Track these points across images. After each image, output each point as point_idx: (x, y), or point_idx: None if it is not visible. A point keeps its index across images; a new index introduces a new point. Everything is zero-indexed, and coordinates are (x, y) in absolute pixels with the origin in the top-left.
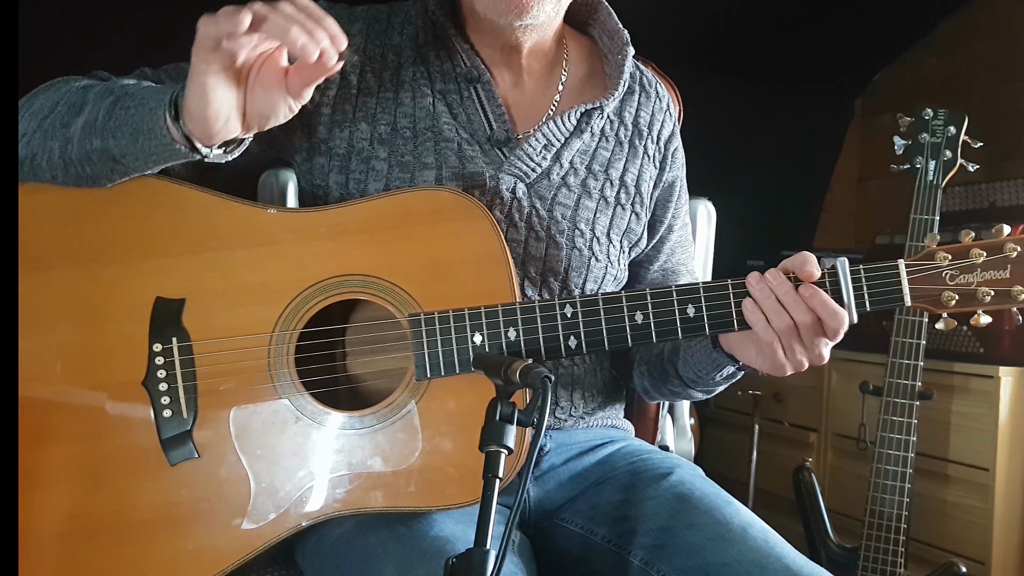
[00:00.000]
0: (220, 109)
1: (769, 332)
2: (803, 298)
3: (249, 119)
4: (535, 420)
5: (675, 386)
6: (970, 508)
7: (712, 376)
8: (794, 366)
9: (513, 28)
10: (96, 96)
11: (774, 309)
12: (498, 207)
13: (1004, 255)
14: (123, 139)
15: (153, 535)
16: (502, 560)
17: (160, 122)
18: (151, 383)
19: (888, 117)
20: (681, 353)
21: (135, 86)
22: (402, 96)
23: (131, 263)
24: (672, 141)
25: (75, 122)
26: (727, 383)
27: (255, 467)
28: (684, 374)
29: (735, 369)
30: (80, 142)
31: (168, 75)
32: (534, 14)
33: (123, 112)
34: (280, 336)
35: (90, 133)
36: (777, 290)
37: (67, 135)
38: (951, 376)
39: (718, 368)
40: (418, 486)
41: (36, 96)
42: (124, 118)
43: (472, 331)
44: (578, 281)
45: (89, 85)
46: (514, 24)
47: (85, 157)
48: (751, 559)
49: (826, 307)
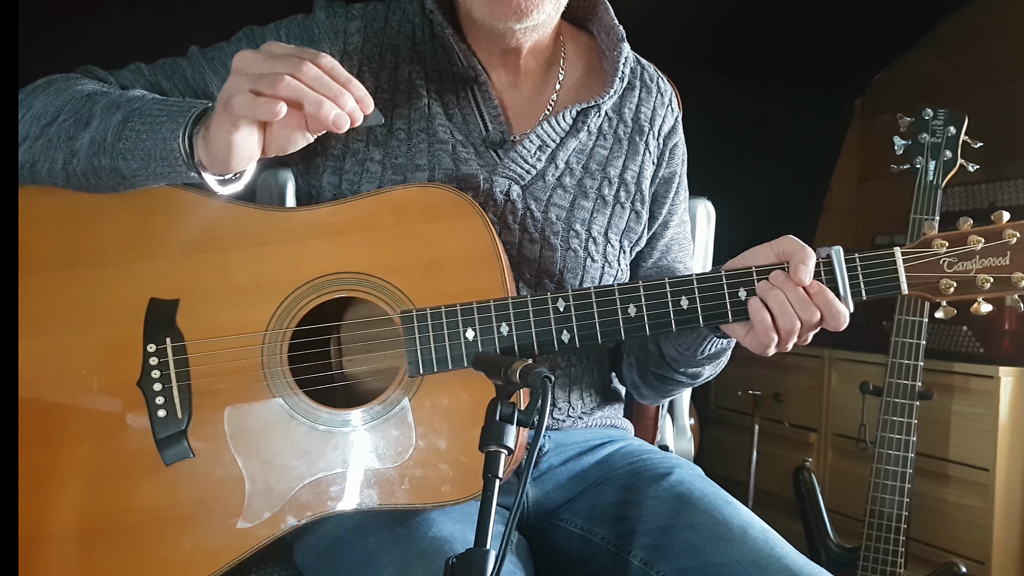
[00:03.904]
0: (243, 156)
1: (772, 332)
2: (811, 295)
3: (266, 151)
4: (535, 420)
5: (658, 367)
6: (970, 508)
7: (695, 351)
8: (780, 351)
9: (513, 31)
10: (103, 110)
11: (783, 312)
12: (491, 210)
13: (1003, 241)
14: (134, 162)
15: (149, 535)
16: (502, 560)
17: (175, 153)
18: (145, 384)
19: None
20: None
21: (141, 100)
22: (398, 97)
23: (125, 264)
24: (672, 136)
25: (81, 136)
26: (710, 363)
27: (250, 466)
28: (667, 351)
29: (717, 339)
30: (88, 158)
31: (163, 73)
32: (534, 16)
33: (134, 135)
34: (273, 335)
35: (99, 151)
36: (789, 294)
37: (72, 148)
38: (951, 376)
39: (700, 340)
40: (412, 483)
41: (35, 96)
42: (135, 141)
43: (464, 327)
44: (574, 282)
45: (93, 93)
46: (514, 28)
47: (92, 172)
48: (751, 559)
49: (831, 307)
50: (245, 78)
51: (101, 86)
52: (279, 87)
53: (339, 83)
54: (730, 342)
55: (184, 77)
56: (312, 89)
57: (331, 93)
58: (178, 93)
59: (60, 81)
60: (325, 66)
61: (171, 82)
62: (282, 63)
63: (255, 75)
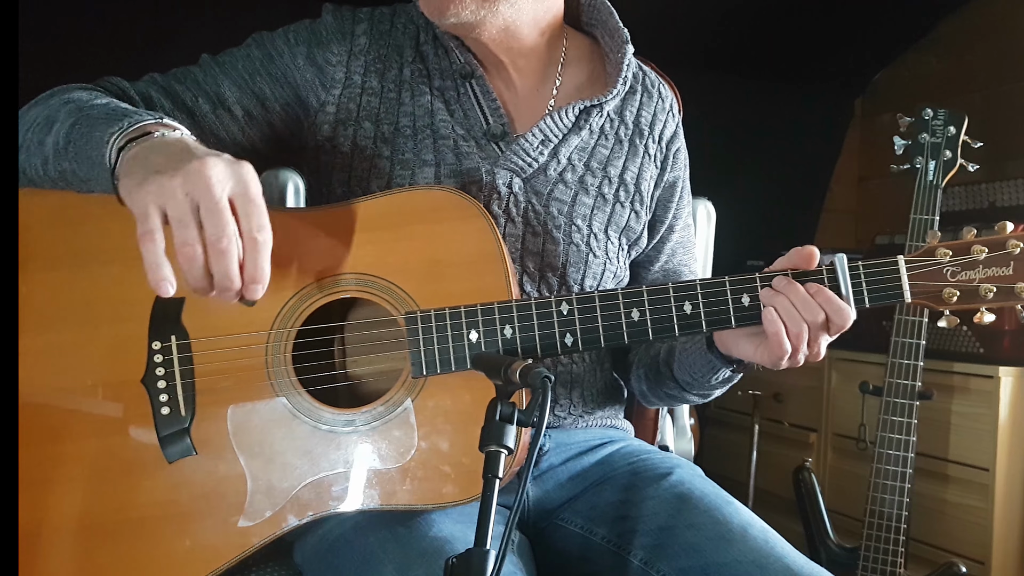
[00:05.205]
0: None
1: (785, 342)
2: (811, 295)
3: None
4: (535, 420)
5: (671, 389)
6: (970, 508)
7: (707, 379)
8: (792, 364)
9: (455, 26)
10: (66, 115)
11: (789, 316)
12: (495, 202)
13: (1007, 251)
14: (84, 165)
15: (151, 532)
16: (502, 560)
17: (104, 160)
18: (150, 381)
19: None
20: (676, 355)
21: (98, 107)
22: (403, 95)
23: (132, 263)
24: (674, 142)
25: (47, 141)
26: (723, 387)
27: (252, 465)
28: (679, 376)
29: (731, 372)
30: (55, 162)
31: (176, 78)
32: (454, 12)
33: (78, 139)
34: (278, 334)
35: (58, 155)
36: (792, 296)
37: (43, 153)
38: (951, 376)
39: (713, 371)
40: (414, 484)
41: (35, 104)
42: (80, 145)
43: (468, 328)
44: (576, 276)
45: (71, 99)
46: (443, 23)
47: (61, 176)
48: (751, 559)
49: (831, 304)
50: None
51: (92, 94)
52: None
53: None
54: (742, 369)
55: (196, 81)
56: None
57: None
58: (191, 96)
59: (60, 90)
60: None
61: (183, 85)
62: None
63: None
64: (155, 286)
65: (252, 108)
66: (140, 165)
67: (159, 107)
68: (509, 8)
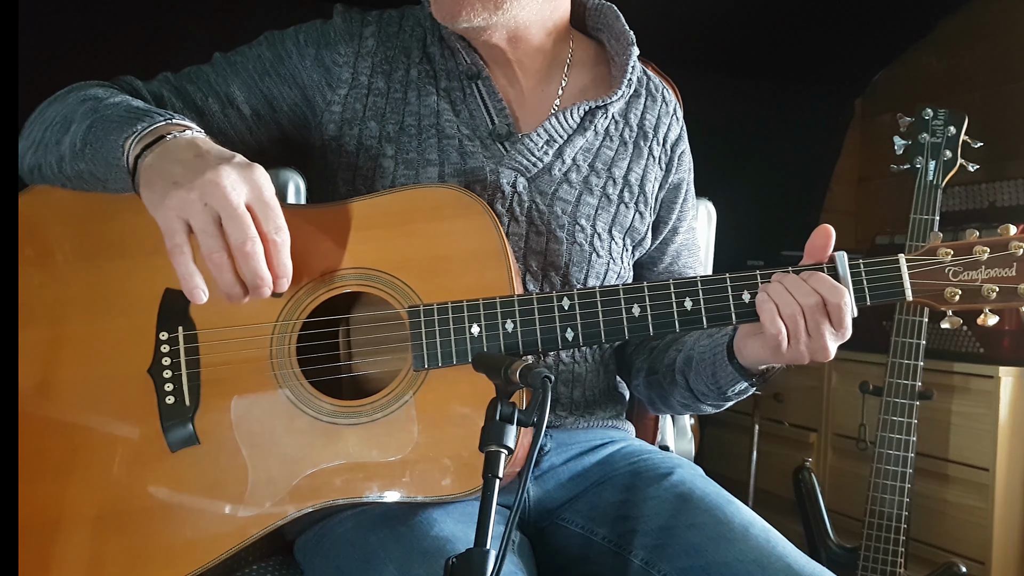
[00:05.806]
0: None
1: (778, 322)
2: (804, 279)
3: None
4: (535, 420)
5: (685, 398)
6: (970, 508)
7: (724, 391)
8: (796, 355)
9: (466, 30)
10: (82, 116)
11: (782, 298)
12: (499, 201)
13: (1009, 252)
14: (100, 167)
15: (152, 521)
16: (502, 560)
17: (121, 163)
18: (156, 371)
19: (888, 117)
20: (693, 365)
21: (113, 105)
22: (409, 95)
23: (142, 257)
24: (679, 144)
25: (64, 140)
26: (738, 398)
27: (253, 455)
28: (695, 386)
29: (748, 384)
30: (71, 162)
31: (187, 78)
32: (466, 16)
33: (95, 140)
34: (283, 327)
35: (76, 156)
36: (785, 281)
37: (60, 152)
38: (951, 376)
39: (732, 383)
40: (413, 476)
41: (51, 102)
42: (96, 147)
43: (470, 322)
44: (579, 276)
45: (87, 97)
46: (455, 27)
47: (77, 175)
48: (752, 558)
49: (823, 283)
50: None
51: (108, 91)
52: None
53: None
54: (762, 383)
55: (207, 81)
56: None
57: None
58: (201, 96)
59: (77, 88)
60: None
61: (195, 85)
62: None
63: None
64: (189, 295)
65: (261, 108)
66: (158, 175)
67: (170, 107)
68: (519, 10)
